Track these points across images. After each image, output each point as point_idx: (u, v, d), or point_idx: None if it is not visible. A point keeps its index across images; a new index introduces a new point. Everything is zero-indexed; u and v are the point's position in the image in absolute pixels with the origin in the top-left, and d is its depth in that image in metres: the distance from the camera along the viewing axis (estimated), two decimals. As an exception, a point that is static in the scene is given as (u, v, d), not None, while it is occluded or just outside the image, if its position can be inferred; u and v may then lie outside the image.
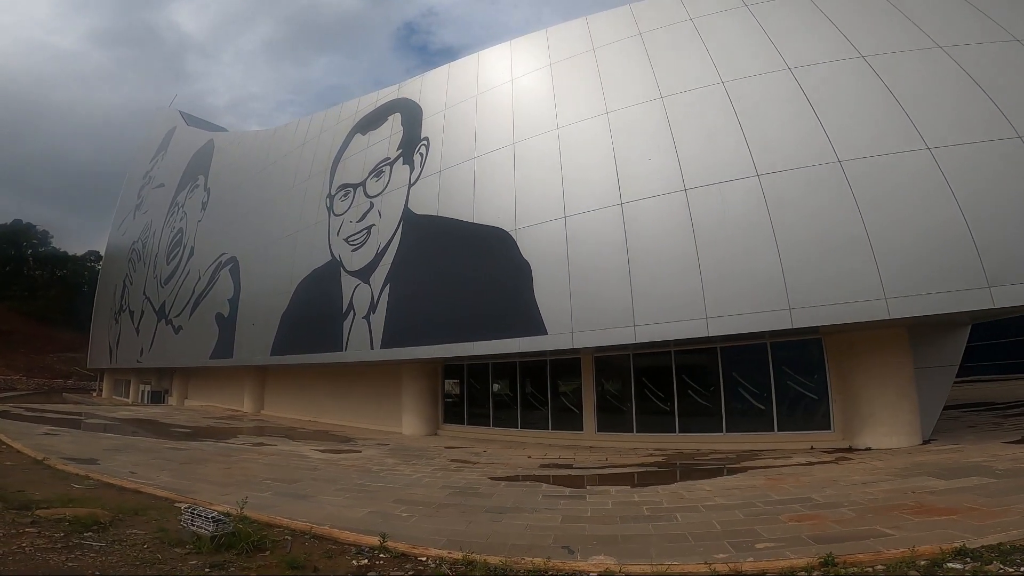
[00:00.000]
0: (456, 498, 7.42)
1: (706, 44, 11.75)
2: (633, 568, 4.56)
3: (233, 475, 8.33)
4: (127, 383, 37.30)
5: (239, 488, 7.32)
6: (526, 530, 5.84)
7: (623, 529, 5.82)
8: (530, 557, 4.78)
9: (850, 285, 9.28)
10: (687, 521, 5.96)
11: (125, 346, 34.78)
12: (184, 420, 18.83)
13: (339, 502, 6.99)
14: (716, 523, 5.81)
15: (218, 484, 7.53)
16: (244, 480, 7.95)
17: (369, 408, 17.53)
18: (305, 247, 18.83)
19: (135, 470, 8.21)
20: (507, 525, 6.04)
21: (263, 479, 8.12)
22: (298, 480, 8.19)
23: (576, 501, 7.20)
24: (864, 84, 10.09)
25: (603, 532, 5.69)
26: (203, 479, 7.91)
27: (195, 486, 7.27)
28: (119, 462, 8.96)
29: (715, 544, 5.05)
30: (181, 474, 8.16)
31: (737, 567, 4.36)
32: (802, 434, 10.68)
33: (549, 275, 11.65)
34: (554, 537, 5.57)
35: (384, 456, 11.26)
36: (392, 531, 5.40)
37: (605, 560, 4.78)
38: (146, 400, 32.78)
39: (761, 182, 10.16)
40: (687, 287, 10.25)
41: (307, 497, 7.12)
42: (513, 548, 5.11)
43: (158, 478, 7.73)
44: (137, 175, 42.16)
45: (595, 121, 12.23)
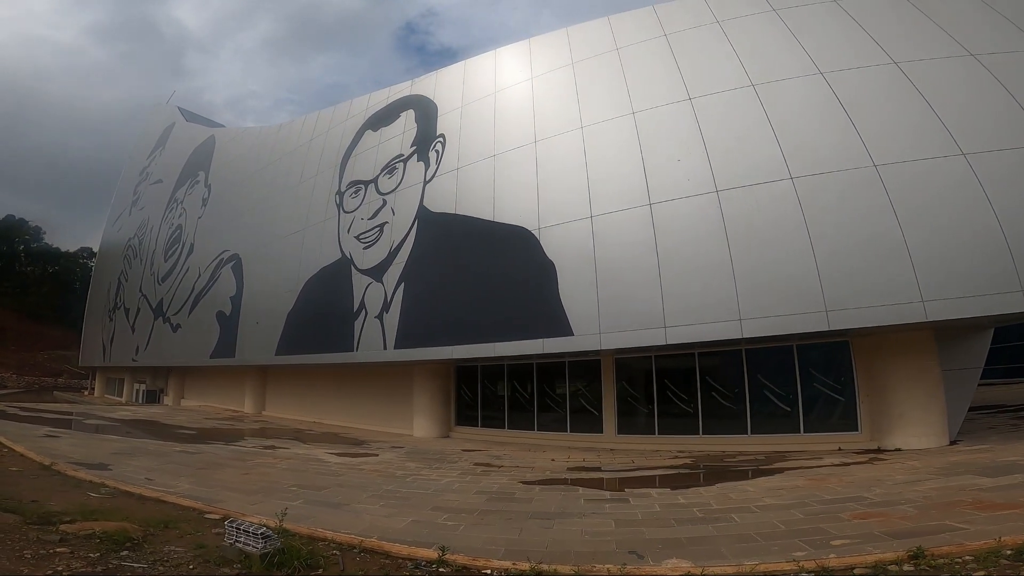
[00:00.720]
0: (495, 504, 7.08)
1: (735, 47, 11.58)
2: (715, 569, 4.38)
3: (254, 481, 7.84)
4: (120, 382, 36.28)
5: (266, 496, 6.85)
6: (582, 536, 5.61)
7: (683, 532, 5.60)
8: (599, 564, 4.55)
9: (887, 288, 9.17)
10: (746, 522, 5.80)
11: (120, 344, 33.82)
12: (186, 421, 18.15)
13: (376, 511, 6.55)
14: (778, 523, 5.66)
15: (242, 492, 7.05)
16: (268, 487, 7.47)
17: (378, 410, 17.02)
18: (313, 244, 18.29)
19: (151, 476, 7.69)
20: (561, 532, 5.78)
21: (287, 486, 7.64)
22: (325, 487, 7.73)
23: (620, 505, 6.97)
24: (898, 90, 10.01)
25: (663, 535, 5.51)
26: (225, 486, 7.41)
27: (219, 494, 6.78)
28: (131, 467, 8.42)
29: (787, 543, 4.94)
30: (200, 480, 7.65)
31: (822, 563, 4.26)
32: (829, 435, 10.53)
33: (575, 275, 11.30)
34: (615, 542, 5.37)
35: (403, 460, 10.80)
36: (443, 542, 5.04)
37: (680, 563, 4.60)
38: (141, 399, 31.85)
39: (795, 185, 9.98)
40: (720, 288, 10.03)
41: (341, 506, 6.68)
42: (578, 556, 4.90)
43: (178, 485, 7.23)
44: (134, 171, 41.15)
45: (621, 121, 11.94)
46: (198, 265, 26.80)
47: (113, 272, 37.61)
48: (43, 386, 41.93)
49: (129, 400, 33.65)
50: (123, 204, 40.55)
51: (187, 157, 33.23)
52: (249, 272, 22.15)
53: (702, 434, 11.52)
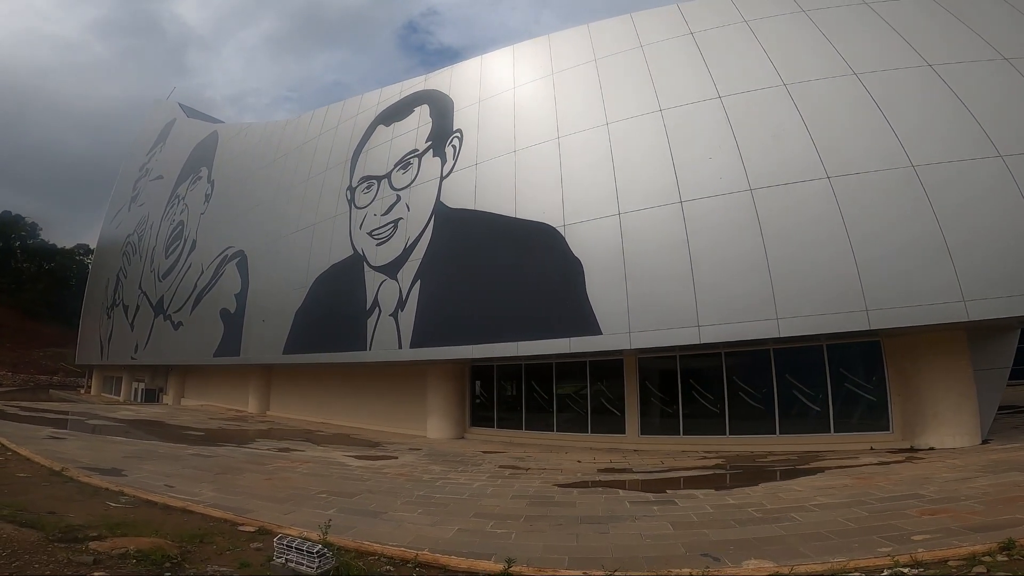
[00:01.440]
0: (537, 509, 6.72)
1: (764, 47, 11.35)
2: (803, 568, 4.27)
3: (279, 488, 7.35)
4: (118, 380, 35.44)
5: (297, 505, 6.38)
6: (643, 540, 5.34)
7: (748, 532, 5.41)
8: (674, 568, 4.35)
9: (927, 287, 8.96)
10: (811, 520, 5.65)
11: (118, 342, 33.01)
12: (191, 421, 17.54)
13: (417, 519, 6.11)
14: (844, 521, 5.52)
15: (271, 500, 6.57)
16: (296, 494, 6.98)
17: (390, 410, 16.51)
18: (323, 241, 17.74)
19: (170, 483, 7.18)
20: (619, 537, 5.48)
21: (315, 492, 7.17)
22: (354, 493, 7.26)
23: (669, 507, 6.69)
24: (932, 92, 9.84)
25: (729, 536, 5.32)
26: (250, 493, 6.93)
27: (247, 503, 6.30)
28: (147, 472, 7.89)
29: (865, 539, 4.84)
30: (223, 487, 7.15)
31: (915, 557, 4.19)
32: (860, 435, 10.35)
33: (603, 273, 10.91)
34: (681, 545, 5.12)
35: (425, 463, 10.34)
36: (497, 551, 4.83)
37: (762, 563, 4.46)
38: (140, 398, 31.07)
39: (832, 184, 9.73)
40: (755, 287, 9.74)
41: (378, 514, 6.23)
42: (648, 561, 4.65)
43: (201, 493, 6.73)
44: (133, 167, 40.29)
45: (648, 118, 11.62)
46: (201, 262, 26.12)
47: (111, 269, 36.75)
48: (39, 384, 40.92)
49: (127, 399, 32.85)
50: (122, 200, 39.68)
51: (189, 153, 32.51)
52: (255, 269, 21.54)
53: (729, 434, 11.25)
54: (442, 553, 4.82)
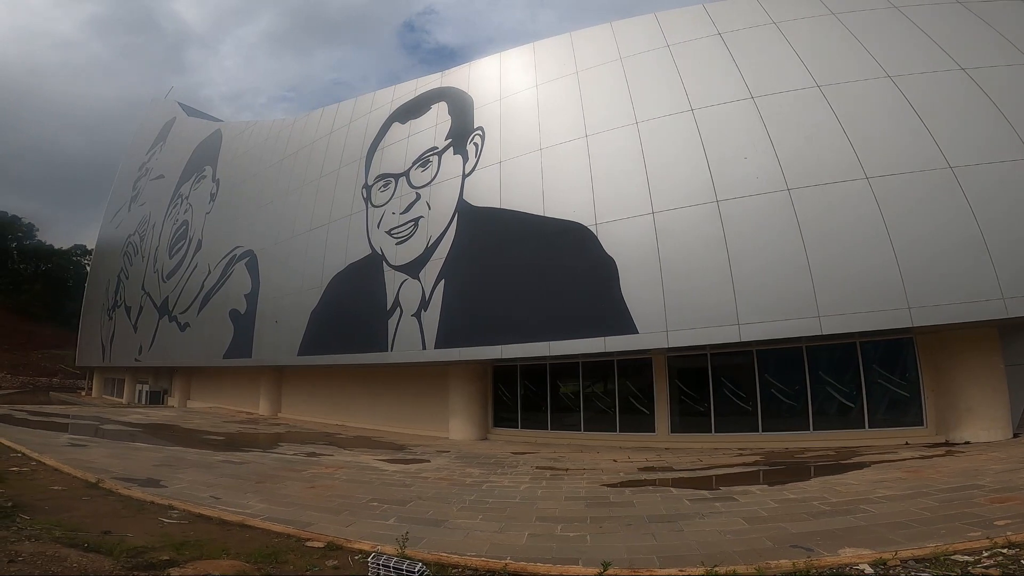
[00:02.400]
0: (598, 510, 6.52)
1: (795, 48, 11.23)
2: (905, 553, 4.24)
3: (326, 496, 7.03)
4: (120, 382, 34.75)
5: (353, 515, 6.09)
6: (724, 536, 5.23)
7: (827, 524, 5.35)
8: (771, 560, 4.28)
9: (967, 285, 8.96)
10: (884, 511, 5.63)
11: (121, 344, 32.33)
12: (205, 425, 17.08)
13: (482, 526, 5.86)
14: (918, 510, 5.54)
15: (323, 511, 6.26)
16: (346, 504, 6.68)
17: (409, 412, 16.17)
18: (338, 240, 17.35)
19: (214, 494, 6.83)
20: (697, 534, 5.36)
21: (365, 501, 6.87)
22: (405, 500, 6.97)
23: (730, 503, 6.56)
24: (968, 95, 9.79)
25: (809, 528, 5.25)
26: (299, 503, 6.60)
27: (302, 515, 5.98)
28: (185, 482, 7.52)
29: (949, 526, 4.86)
30: (269, 497, 6.81)
31: (1010, 539, 4.21)
32: (895, 431, 10.31)
33: (638, 272, 10.71)
34: (766, 539, 5.01)
35: (460, 466, 10.04)
36: (578, 554, 4.73)
37: (860, 551, 4.43)
38: (144, 400, 30.44)
39: (871, 185, 9.65)
40: (796, 285, 9.65)
41: (440, 522, 5.95)
42: (740, 555, 4.51)
43: (250, 504, 6.39)
44: (132, 167, 39.46)
45: (679, 117, 11.46)
46: (207, 262, 25.58)
47: (112, 269, 35.98)
48: (38, 386, 40.00)
49: (130, 401, 32.19)
50: (122, 200, 38.85)
51: (191, 152, 31.85)
52: (266, 269, 21.07)
53: (762, 431, 11.14)
54: (527, 561, 4.59)
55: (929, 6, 10.80)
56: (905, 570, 4.01)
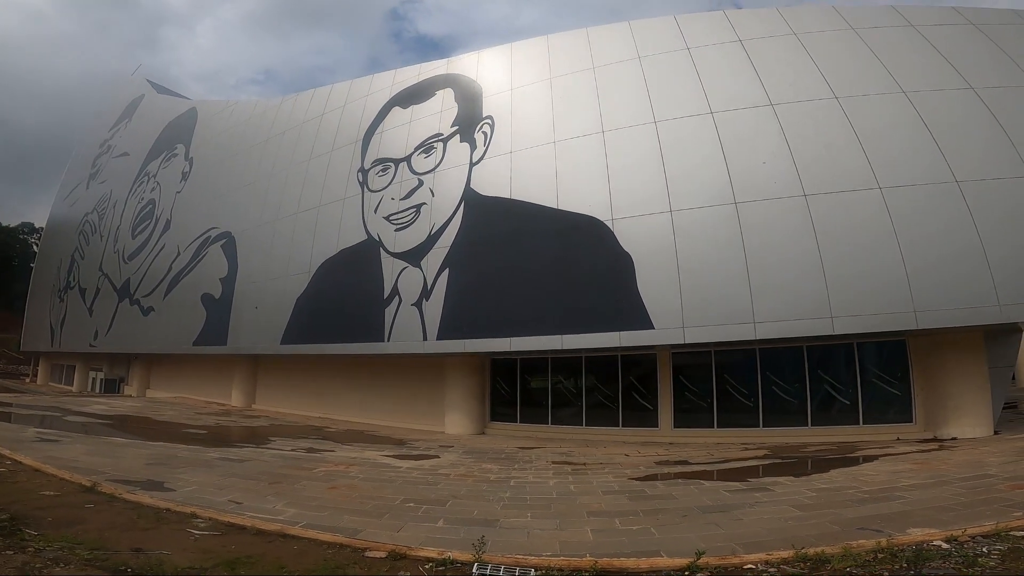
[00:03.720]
0: (642, 503, 6.29)
1: (815, 60, 11.36)
2: (974, 530, 4.41)
3: (354, 498, 6.37)
4: (70, 369, 31.91)
5: (396, 519, 5.57)
6: (786, 523, 5.25)
7: (875, 509, 5.46)
8: (852, 541, 4.30)
9: (967, 291, 9.29)
10: (919, 497, 5.80)
11: (73, 328, 29.65)
12: (181, 418, 15.70)
13: (538, 524, 5.49)
14: (951, 495, 5.72)
15: (362, 514, 5.66)
16: (381, 505, 6.08)
17: (402, 406, 15.41)
18: (330, 224, 16.36)
19: (232, 497, 6.02)
20: (757, 522, 5.33)
21: (398, 502, 6.30)
22: (441, 500, 6.46)
23: (768, 493, 6.56)
24: (975, 113, 10.13)
25: (862, 513, 5.34)
26: (330, 506, 5.94)
27: (340, 520, 5.36)
28: (191, 484, 6.65)
29: (990, 508, 5.07)
30: (294, 500, 6.07)
31: None
32: (887, 427, 10.69)
33: (655, 268, 10.54)
34: (830, 523, 5.08)
35: (472, 461, 9.54)
36: (652, 547, 4.56)
37: (928, 530, 4.56)
38: (98, 389, 28.04)
39: (883, 194, 9.87)
40: (810, 287, 9.79)
41: (491, 523, 5.52)
42: (815, 539, 4.47)
43: (277, 509, 5.67)
44: (93, 144, 36.33)
45: (699, 119, 11.41)
46: (176, 242, 23.74)
47: (65, 249, 32.96)
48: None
49: (82, 390, 29.62)
50: (79, 177, 35.69)
51: (161, 130, 29.56)
52: (245, 252, 19.68)
53: (763, 427, 11.30)
54: (610, 557, 4.28)
55: (942, 26, 11.17)
56: (976, 545, 4.16)
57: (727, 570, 3.99)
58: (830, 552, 4.11)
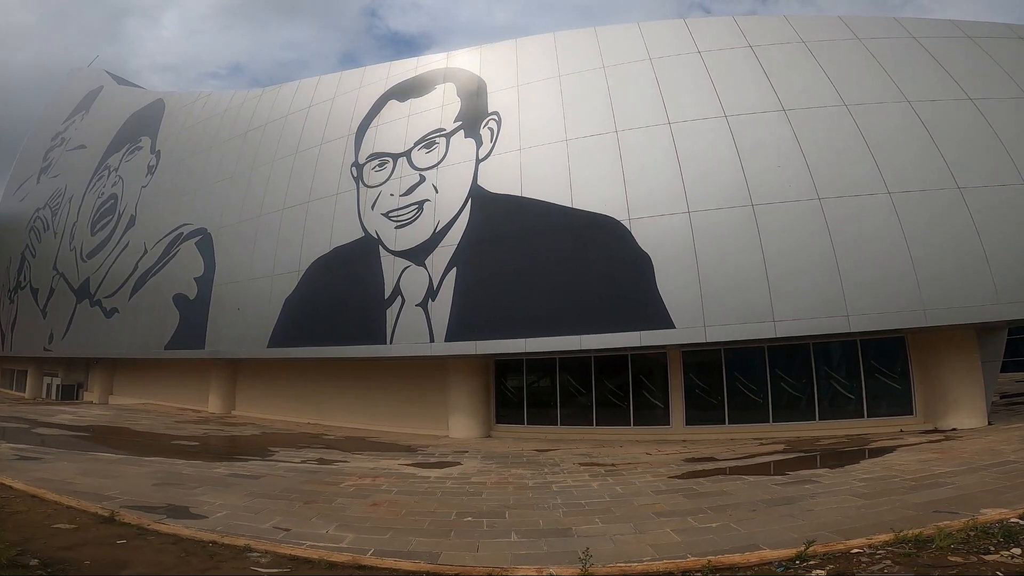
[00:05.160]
0: (703, 500, 6.14)
1: (823, 67, 11.48)
2: None
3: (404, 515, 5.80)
4: (21, 374, 29.14)
5: (464, 536, 5.14)
6: (859, 511, 5.22)
7: (931, 495, 5.54)
8: (940, 523, 4.36)
9: (972, 291, 9.60)
10: (963, 482, 5.93)
11: (25, 330, 27.04)
12: (161, 427, 14.37)
13: (614, 530, 5.16)
14: (991, 480, 5.86)
15: (425, 534, 5.15)
16: (439, 522, 5.56)
17: (401, 409, 14.67)
18: (321, 221, 15.40)
19: (275, 523, 5.28)
20: (828, 511, 5.37)
21: (455, 516, 5.80)
22: (497, 511, 6.05)
23: (815, 484, 6.57)
24: (974, 123, 10.46)
25: (923, 499, 5.43)
26: (386, 527, 5.33)
27: (407, 543, 4.82)
28: (222, 508, 5.82)
29: None
30: (344, 523, 5.40)
31: None
32: (890, 419, 10.96)
33: (674, 268, 10.41)
34: (902, 507, 5.17)
35: (498, 467, 9.09)
36: (742, 541, 4.49)
37: (999, 510, 4.66)
38: (55, 396, 25.66)
39: (892, 199, 10.08)
40: (827, 286, 9.89)
41: (565, 532, 5.23)
42: (897, 522, 4.50)
43: (332, 534, 5.01)
44: (44, 137, 33.29)
45: (712, 122, 11.36)
46: (143, 240, 21.94)
47: (15, 247, 30.01)
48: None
49: (36, 396, 27.06)
50: (29, 171, 32.62)
51: (122, 122, 27.35)
52: (224, 250, 18.31)
53: (772, 422, 11.40)
54: (711, 555, 4.07)
55: (943, 38, 11.53)
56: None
57: (835, 555, 3.97)
58: (928, 534, 4.15)
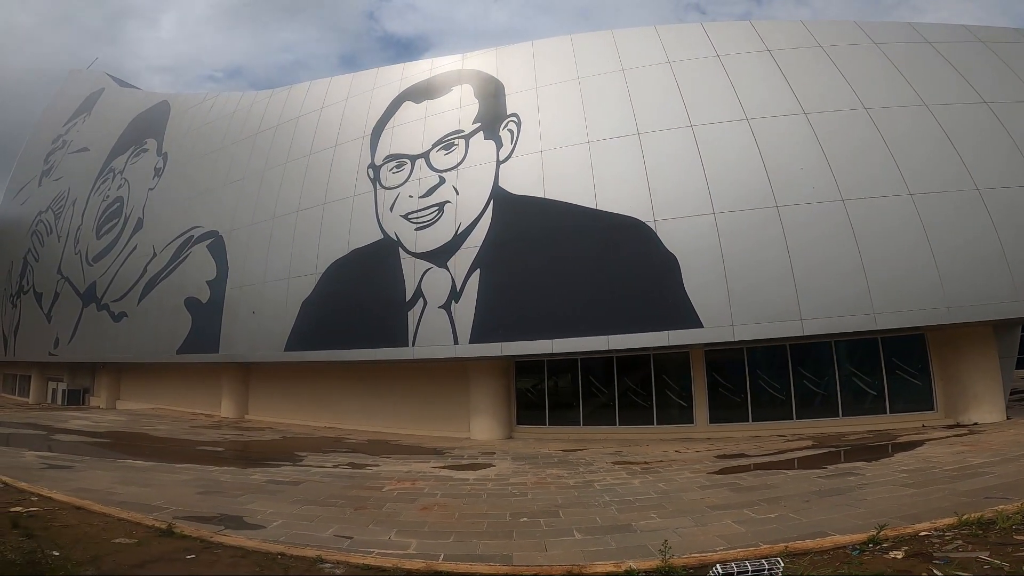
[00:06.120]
0: (750, 495, 6.28)
1: (841, 72, 11.63)
2: None
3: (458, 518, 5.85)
4: (24, 379, 28.87)
5: (525, 536, 5.28)
6: (913, 499, 5.37)
7: (977, 483, 5.69)
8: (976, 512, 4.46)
9: (993, 289, 9.79)
10: (1004, 471, 6.11)
11: (28, 335, 26.81)
12: (180, 433, 14.29)
13: (676, 524, 5.29)
14: None
15: (485, 536, 5.21)
16: (495, 524, 5.62)
17: (420, 412, 14.66)
18: (338, 222, 15.37)
19: (335, 531, 5.26)
20: (882, 500, 5.55)
21: (510, 518, 5.85)
22: (549, 511, 6.14)
23: (858, 477, 6.72)
24: (990, 126, 10.65)
25: (974, 486, 5.56)
26: (444, 531, 5.37)
27: (474, 546, 4.85)
28: (276, 516, 5.76)
29: None
30: (402, 528, 5.39)
31: None
32: (911, 415, 11.12)
33: (701, 269, 10.53)
34: (952, 494, 5.31)
35: (532, 468, 9.16)
36: (811, 528, 4.64)
37: None
38: (60, 401, 25.45)
39: (914, 200, 10.24)
40: (852, 285, 10.06)
41: (627, 528, 5.35)
42: (954, 508, 4.70)
43: (395, 541, 5.01)
44: (44, 139, 33.00)
45: (734, 125, 11.50)
46: (151, 243, 21.81)
47: (16, 251, 29.71)
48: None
49: (40, 401, 26.83)
50: (29, 174, 32.31)
51: (126, 124, 27.15)
52: (236, 252, 18.23)
53: (796, 419, 11.53)
54: (782, 542, 4.21)
55: (956, 43, 11.73)
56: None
57: (905, 538, 4.12)
58: (989, 517, 4.33)
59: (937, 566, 3.57)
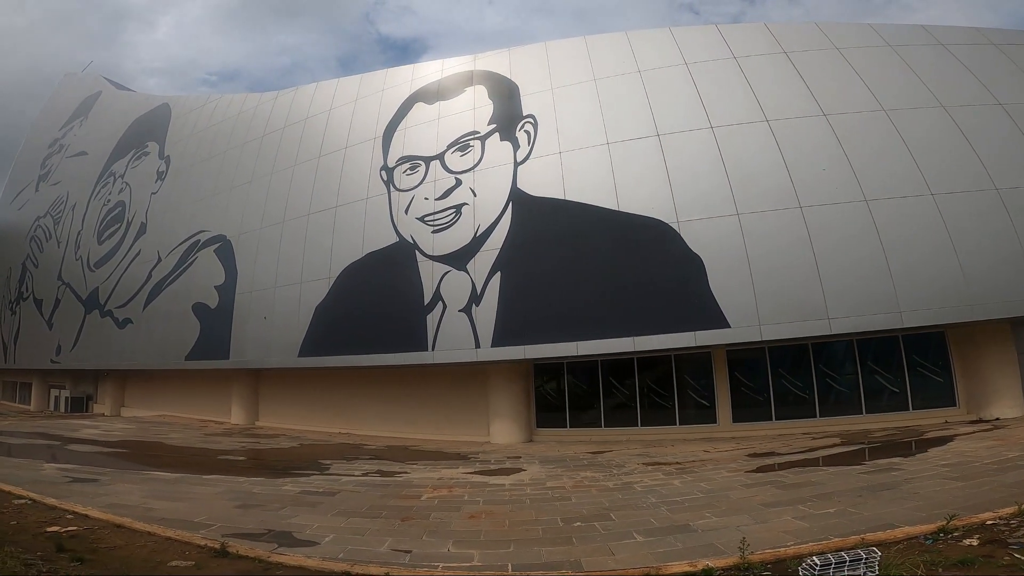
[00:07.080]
0: (798, 491, 6.34)
1: (859, 74, 11.72)
2: None
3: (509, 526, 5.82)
4: (25, 387, 28.54)
5: (585, 542, 5.32)
6: (965, 491, 5.48)
7: (1020, 475, 5.80)
8: None
9: (1013, 285, 9.92)
10: None
11: (29, 342, 26.47)
12: (194, 441, 14.15)
13: (735, 522, 5.38)
14: None
15: (545, 543, 5.18)
16: (552, 531, 5.59)
17: (438, 416, 14.60)
18: (351, 226, 15.28)
19: (392, 545, 5.20)
20: (934, 492, 5.73)
21: (564, 524, 5.84)
22: (600, 515, 6.15)
23: (900, 472, 6.83)
24: (1007, 127, 10.80)
25: (1014, 479, 5.65)
26: (501, 539, 5.36)
27: (536, 555, 4.84)
28: (324, 531, 5.68)
29: None
30: (458, 539, 5.36)
31: None
32: (934, 411, 11.23)
33: (726, 269, 10.57)
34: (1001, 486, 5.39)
35: (565, 471, 9.15)
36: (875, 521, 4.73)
37: None
38: (64, 408, 25.17)
39: (936, 200, 10.34)
40: (878, 284, 10.14)
41: (686, 529, 5.39)
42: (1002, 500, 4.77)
43: (456, 553, 4.97)
44: (40, 143, 32.59)
45: (756, 127, 11.56)
46: (156, 248, 21.59)
47: (14, 257, 29.33)
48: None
49: (42, 408, 26.51)
50: (26, 179, 31.87)
51: (126, 127, 26.86)
52: (245, 257, 18.08)
53: (819, 416, 11.59)
54: (846, 536, 4.30)
55: (971, 46, 11.86)
56: None
57: (973, 527, 4.19)
58: None
59: (1016, 550, 3.63)
